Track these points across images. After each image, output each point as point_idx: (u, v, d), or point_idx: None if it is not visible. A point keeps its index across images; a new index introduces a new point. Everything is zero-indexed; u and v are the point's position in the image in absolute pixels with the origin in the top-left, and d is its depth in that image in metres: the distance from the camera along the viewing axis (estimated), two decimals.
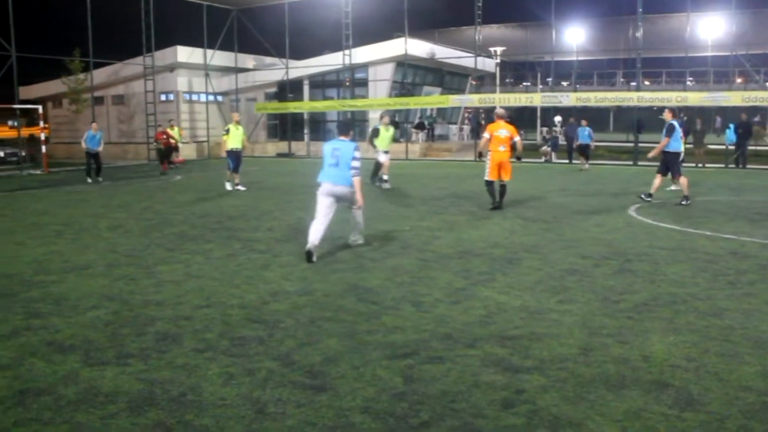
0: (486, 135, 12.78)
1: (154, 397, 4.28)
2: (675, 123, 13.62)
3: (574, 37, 41.16)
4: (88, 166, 21.05)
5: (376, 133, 18.01)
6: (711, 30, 36.55)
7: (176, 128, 27.67)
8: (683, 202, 13.47)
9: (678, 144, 13.70)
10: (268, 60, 37.79)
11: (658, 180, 13.87)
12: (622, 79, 55.05)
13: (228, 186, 17.54)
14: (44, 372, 4.75)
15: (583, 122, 24.15)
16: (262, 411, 4.07)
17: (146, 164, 30.32)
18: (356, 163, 8.70)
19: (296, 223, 11.42)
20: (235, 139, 17.33)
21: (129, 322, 5.92)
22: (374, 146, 17.96)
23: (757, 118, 34.68)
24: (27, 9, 28.29)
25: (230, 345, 5.26)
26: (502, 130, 12.59)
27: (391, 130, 18.47)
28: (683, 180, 13.72)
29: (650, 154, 14.46)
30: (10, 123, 29.33)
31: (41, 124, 23.86)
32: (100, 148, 20.96)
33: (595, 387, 4.37)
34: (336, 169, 8.74)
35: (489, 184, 12.97)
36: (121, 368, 4.79)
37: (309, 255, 8.37)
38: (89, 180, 20.67)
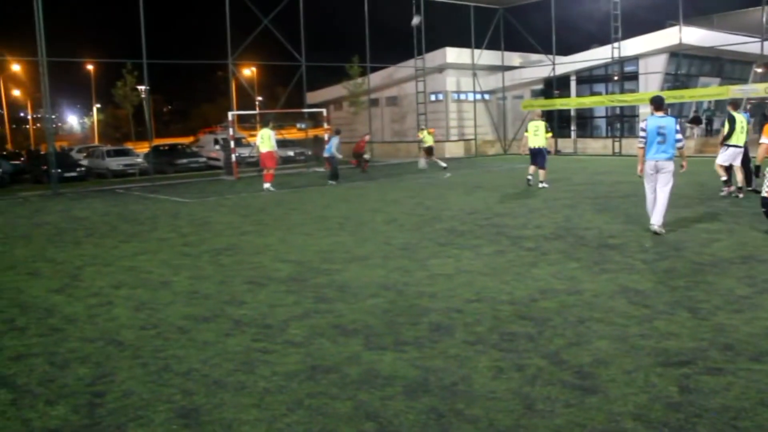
0: (765, 140, 9.76)
1: (427, 384, 4.49)
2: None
3: None
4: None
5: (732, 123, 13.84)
6: None
7: (427, 130, 26.98)
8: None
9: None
10: (534, 57, 37.51)
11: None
12: None
13: (542, 184, 17.09)
14: (331, 352, 5.22)
15: None
16: (531, 407, 4.09)
17: (416, 162, 31.65)
18: (679, 136, 9.70)
19: (564, 222, 11.24)
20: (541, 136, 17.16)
21: (404, 311, 6.27)
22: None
23: None
24: (314, 22, 31.01)
25: (500, 340, 5.35)
26: None
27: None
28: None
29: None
30: (298, 125, 32.41)
31: (325, 125, 26.02)
32: (329, 154, 21.35)
33: None
34: (664, 146, 9.67)
35: (766, 203, 9.69)
36: (398, 354, 5.10)
37: (655, 233, 9.68)
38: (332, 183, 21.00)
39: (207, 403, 4.34)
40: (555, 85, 34.97)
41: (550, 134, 17.60)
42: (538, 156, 17.20)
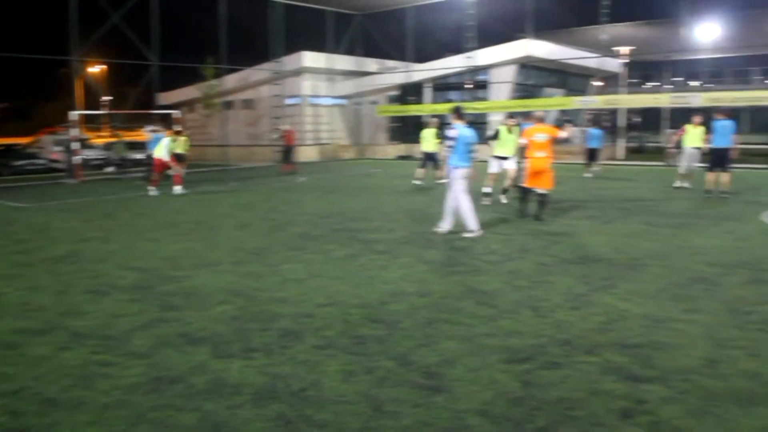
0: (523, 141, 11.91)
1: (276, 391, 4.46)
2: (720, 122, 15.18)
3: (707, 33, 39.12)
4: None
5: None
6: None
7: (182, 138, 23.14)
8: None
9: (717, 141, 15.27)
10: (391, 63, 38.27)
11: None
12: (759, 77, 51.61)
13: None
14: (176, 361, 5.05)
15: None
16: (380, 409, 4.16)
17: (272, 166, 31.38)
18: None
19: (416, 225, 11.51)
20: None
21: (254, 317, 6.18)
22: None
23: None
24: (167, 21, 29.95)
25: (350, 343, 5.40)
26: (539, 135, 11.58)
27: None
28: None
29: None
30: (147, 128, 31.15)
31: (178, 128, 25.11)
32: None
33: (722, 401, 4.18)
34: (471, 155, 10.22)
35: (524, 191, 12.19)
36: (246, 361, 5.02)
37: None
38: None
39: (38, 423, 4.07)
40: (410, 92, 35.79)
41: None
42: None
